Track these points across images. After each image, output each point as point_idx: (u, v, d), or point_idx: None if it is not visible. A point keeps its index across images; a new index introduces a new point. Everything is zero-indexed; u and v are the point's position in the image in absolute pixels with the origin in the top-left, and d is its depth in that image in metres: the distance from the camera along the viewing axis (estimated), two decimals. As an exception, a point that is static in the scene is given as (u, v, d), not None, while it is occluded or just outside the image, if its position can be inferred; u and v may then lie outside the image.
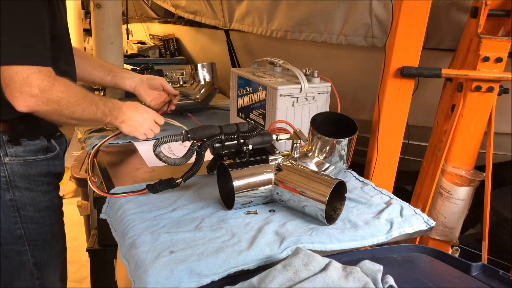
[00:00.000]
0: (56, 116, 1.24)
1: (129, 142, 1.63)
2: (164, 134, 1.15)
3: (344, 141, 1.25)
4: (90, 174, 1.38)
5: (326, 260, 0.85)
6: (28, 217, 1.34)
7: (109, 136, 1.59)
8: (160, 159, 1.15)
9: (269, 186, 1.15)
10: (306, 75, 1.49)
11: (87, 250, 2.21)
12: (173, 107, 1.79)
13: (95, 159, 1.52)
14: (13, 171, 1.30)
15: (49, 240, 1.40)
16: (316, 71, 1.50)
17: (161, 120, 1.55)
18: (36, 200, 1.36)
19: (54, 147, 1.40)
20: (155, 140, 1.13)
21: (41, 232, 1.38)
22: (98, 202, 2.11)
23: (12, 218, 1.32)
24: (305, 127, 1.38)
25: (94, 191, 1.35)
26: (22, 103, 1.15)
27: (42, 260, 1.39)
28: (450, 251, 1.73)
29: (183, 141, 1.15)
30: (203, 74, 2.02)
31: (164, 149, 1.44)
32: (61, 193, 1.48)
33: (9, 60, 1.13)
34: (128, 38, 4.35)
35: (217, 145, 1.15)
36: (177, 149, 1.54)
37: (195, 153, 1.16)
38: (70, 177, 3.18)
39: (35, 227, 1.36)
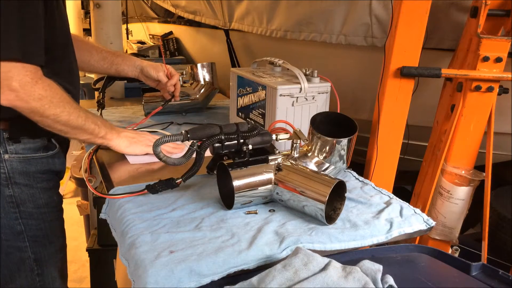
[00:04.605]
0: (39, 117, 1.22)
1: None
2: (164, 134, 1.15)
3: (344, 141, 1.25)
4: (87, 175, 1.38)
5: (326, 260, 0.85)
6: (27, 213, 1.35)
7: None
8: (160, 159, 1.15)
9: (269, 186, 1.15)
10: (306, 75, 1.49)
11: (87, 250, 2.21)
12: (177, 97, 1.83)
13: (94, 158, 1.51)
14: (12, 168, 1.31)
15: (49, 236, 1.41)
16: (316, 71, 1.49)
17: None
18: (35, 196, 1.36)
19: (55, 145, 1.40)
20: (155, 140, 1.13)
21: (41, 228, 1.38)
22: (98, 202, 2.11)
23: (12, 214, 1.33)
24: (305, 127, 1.38)
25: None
26: (2, 97, 1.15)
27: (42, 256, 1.40)
28: (450, 251, 1.73)
29: (182, 141, 1.14)
30: (203, 74, 2.02)
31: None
32: (61, 193, 1.49)
33: None
34: (128, 38, 4.35)
35: (217, 145, 1.15)
36: (177, 149, 1.54)
37: (195, 153, 1.16)
38: (70, 177, 3.17)
39: (35, 223, 1.37)
